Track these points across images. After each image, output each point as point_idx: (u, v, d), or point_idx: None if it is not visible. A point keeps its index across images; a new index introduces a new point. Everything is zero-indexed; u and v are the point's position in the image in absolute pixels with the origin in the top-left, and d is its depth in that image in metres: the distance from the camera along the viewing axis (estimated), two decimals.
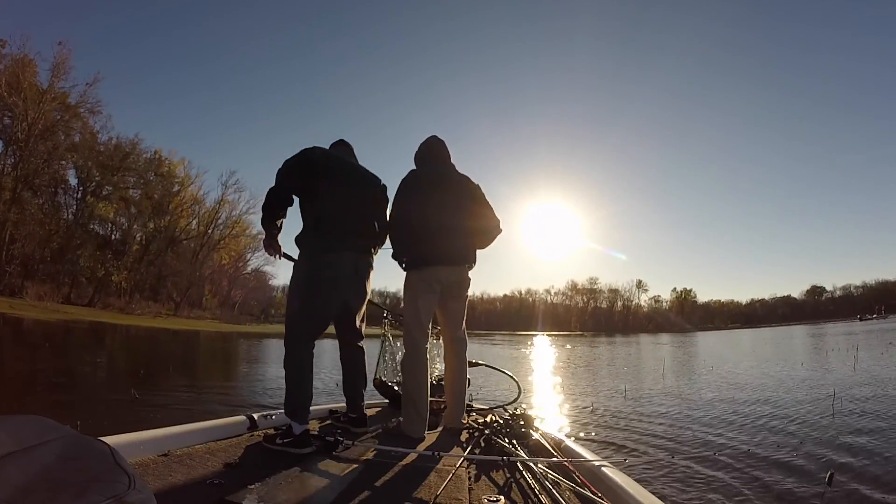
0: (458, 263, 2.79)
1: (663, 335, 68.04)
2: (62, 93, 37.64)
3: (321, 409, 3.04)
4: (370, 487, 1.71)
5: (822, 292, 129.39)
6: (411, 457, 2.09)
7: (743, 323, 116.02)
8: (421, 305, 2.75)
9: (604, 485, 1.71)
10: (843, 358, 14.00)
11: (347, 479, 1.77)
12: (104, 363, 12.51)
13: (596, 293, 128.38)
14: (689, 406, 7.23)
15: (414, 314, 2.74)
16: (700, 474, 3.91)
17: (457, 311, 2.85)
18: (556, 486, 1.70)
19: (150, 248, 47.75)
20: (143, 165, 46.65)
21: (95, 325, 27.73)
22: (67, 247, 39.10)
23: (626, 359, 19.44)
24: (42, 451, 0.84)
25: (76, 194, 42.46)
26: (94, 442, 0.94)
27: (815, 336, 33.13)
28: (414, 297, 2.77)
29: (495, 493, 1.66)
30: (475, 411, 3.28)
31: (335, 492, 1.64)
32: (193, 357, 17.01)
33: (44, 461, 0.83)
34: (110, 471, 0.87)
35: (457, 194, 2.85)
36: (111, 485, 0.83)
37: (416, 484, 1.76)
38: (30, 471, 0.79)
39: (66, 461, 0.85)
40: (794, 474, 3.91)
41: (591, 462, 1.95)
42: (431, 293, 2.75)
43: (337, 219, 2.46)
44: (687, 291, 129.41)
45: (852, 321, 69.65)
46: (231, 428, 2.31)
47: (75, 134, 40.25)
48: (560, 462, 1.99)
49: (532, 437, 2.44)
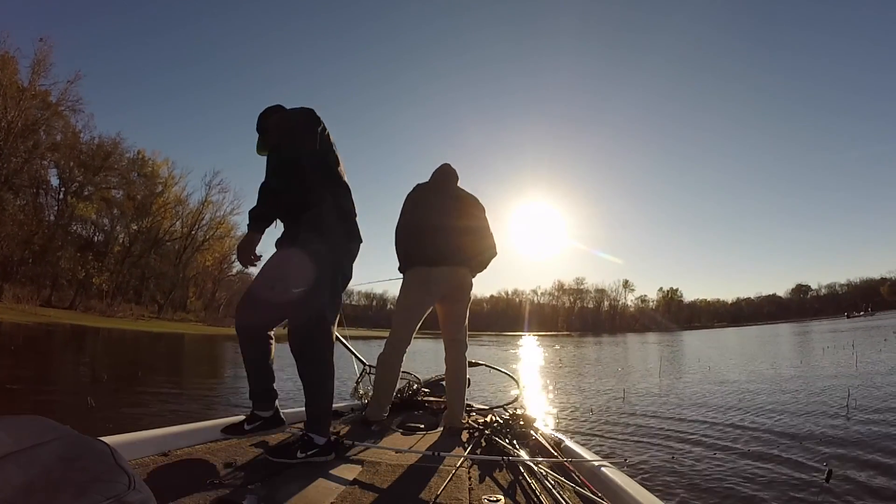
0: (453, 264, 2.81)
1: (650, 334, 68.86)
2: (43, 91, 36.91)
3: None
4: (370, 487, 1.71)
5: (808, 291, 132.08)
6: (412, 457, 2.10)
7: (729, 322, 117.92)
8: (410, 306, 2.79)
9: (604, 485, 1.72)
10: (841, 354, 14.10)
11: (347, 479, 1.77)
12: (70, 368, 11.86)
13: (582, 293, 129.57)
14: (688, 406, 7.30)
15: (402, 313, 2.79)
16: (700, 474, 3.94)
17: (455, 314, 2.87)
18: (556, 486, 1.70)
19: (132, 249, 46.94)
20: (126, 165, 45.86)
21: (72, 329, 26.94)
22: (48, 248, 38.27)
23: (616, 359, 19.61)
24: (42, 451, 0.84)
25: (58, 195, 41.68)
26: (93, 442, 0.93)
27: (803, 334, 33.42)
28: (405, 296, 2.81)
29: (495, 493, 1.67)
30: (475, 411, 3.29)
31: (335, 492, 1.63)
32: (170, 361, 16.51)
33: (44, 461, 0.82)
34: (110, 471, 0.87)
35: (455, 200, 2.93)
36: (111, 485, 0.83)
37: (417, 484, 1.76)
38: (30, 471, 0.79)
39: (66, 461, 0.85)
40: (794, 472, 3.94)
41: (591, 462, 1.96)
42: (425, 294, 2.78)
43: (348, 205, 2.23)
44: (673, 291, 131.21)
45: (839, 319, 70.58)
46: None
47: (57, 133, 39.54)
48: (560, 462, 2.00)
49: (532, 437, 2.45)
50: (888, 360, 11.93)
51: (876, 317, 64.55)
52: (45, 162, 39.70)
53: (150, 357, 17.48)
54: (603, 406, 7.48)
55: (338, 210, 2.13)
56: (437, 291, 2.79)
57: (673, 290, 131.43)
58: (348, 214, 2.20)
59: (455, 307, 2.86)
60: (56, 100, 38.01)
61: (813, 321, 78.59)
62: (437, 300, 2.85)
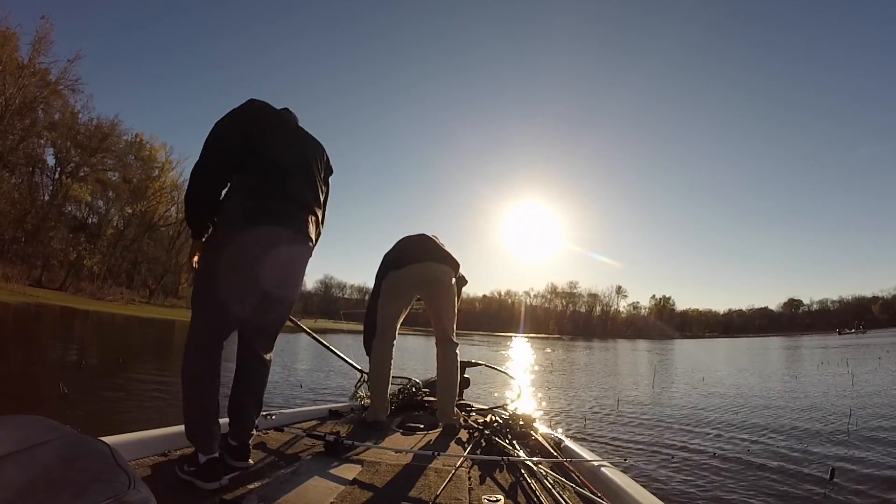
0: (430, 260, 2.93)
1: (641, 341, 69.17)
2: (43, 69, 36.53)
3: (321, 409, 3.05)
4: (370, 487, 1.71)
5: (800, 305, 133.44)
6: (412, 457, 2.10)
7: (720, 332, 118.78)
8: (387, 303, 2.95)
9: (604, 485, 1.73)
10: (835, 370, 14.22)
11: (347, 479, 1.77)
12: (51, 351, 11.23)
13: (575, 297, 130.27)
14: (686, 409, 7.38)
15: (381, 311, 2.95)
16: (700, 474, 3.98)
17: (439, 310, 2.93)
18: (556, 486, 1.71)
19: (125, 232, 46.59)
20: (124, 148, 45.51)
21: (59, 310, 26.60)
22: (41, 228, 37.96)
23: (608, 363, 19.68)
24: (42, 451, 0.84)
25: (53, 175, 41.34)
26: (93, 442, 0.94)
27: (794, 348, 33.60)
28: (384, 295, 2.97)
29: (495, 493, 1.67)
30: (475, 411, 3.29)
31: (335, 492, 1.63)
32: (158, 348, 16.17)
33: (44, 461, 0.82)
34: (110, 471, 0.87)
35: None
36: (111, 485, 0.83)
37: (416, 484, 1.76)
38: (30, 471, 0.79)
39: (66, 461, 0.85)
40: (794, 473, 3.99)
41: (591, 462, 1.96)
42: (403, 291, 2.95)
43: (276, 179, 1.84)
44: (666, 299, 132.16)
45: (830, 335, 70.97)
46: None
47: (55, 112, 39.16)
48: (560, 462, 2.00)
49: (532, 437, 2.46)
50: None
51: (868, 335, 64.96)
52: (42, 141, 39.35)
53: (138, 343, 17.28)
54: (602, 406, 7.53)
55: (240, 190, 1.81)
56: (414, 284, 2.93)
57: (665, 297, 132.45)
58: (254, 192, 1.80)
59: (436, 303, 2.94)
60: (55, 78, 37.67)
61: (804, 336, 79.20)
62: (419, 294, 2.98)
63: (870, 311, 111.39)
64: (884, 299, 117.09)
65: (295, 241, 1.86)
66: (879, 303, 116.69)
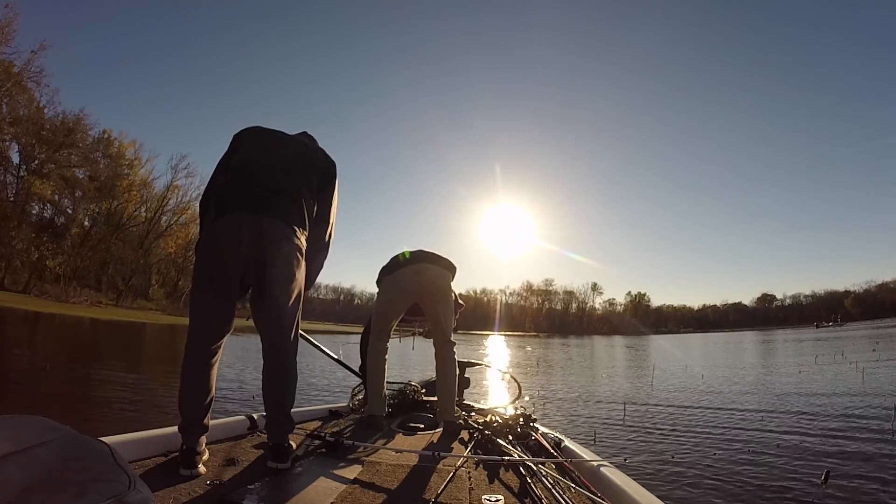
0: (425, 262, 2.98)
1: (617, 337, 70.38)
2: (7, 62, 34.98)
3: (321, 409, 3.05)
4: (370, 487, 1.71)
5: (773, 300, 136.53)
6: (412, 457, 2.10)
7: (695, 327, 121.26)
8: (382, 305, 3.04)
9: (604, 485, 1.74)
10: (830, 362, 14.56)
11: (348, 479, 1.77)
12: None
13: (551, 294, 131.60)
14: (686, 408, 7.46)
15: (376, 313, 3.05)
16: (699, 474, 4.03)
17: (436, 311, 2.98)
18: (556, 485, 1.72)
19: (92, 232, 45.03)
20: (91, 145, 44.03)
21: (14, 313, 25.21)
22: (3, 228, 36.39)
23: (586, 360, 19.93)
24: (42, 451, 0.83)
25: (18, 172, 39.60)
26: (93, 442, 0.93)
27: (771, 342, 34.22)
28: (380, 298, 3.06)
29: (495, 493, 1.67)
30: (475, 411, 3.30)
31: (335, 492, 1.63)
32: (126, 352, 15.39)
33: (44, 461, 0.82)
34: (110, 471, 0.87)
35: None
36: (111, 485, 0.83)
37: (417, 484, 1.77)
38: (30, 471, 0.79)
39: (66, 461, 0.85)
40: (792, 473, 4.06)
41: (591, 462, 1.98)
42: (398, 294, 3.01)
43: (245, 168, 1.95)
44: (641, 295, 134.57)
45: (806, 329, 72.30)
46: (231, 428, 2.26)
47: (20, 108, 37.49)
48: (560, 462, 2.01)
49: (532, 437, 2.48)
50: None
51: (845, 328, 66.54)
52: (7, 137, 37.70)
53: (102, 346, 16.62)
54: (599, 408, 7.57)
55: (212, 189, 1.95)
56: (411, 287, 2.97)
57: (641, 294, 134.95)
58: (218, 189, 1.93)
59: (431, 305, 2.99)
60: (19, 70, 36.10)
61: (778, 330, 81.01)
62: (415, 297, 3.01)
63: (842, 305, 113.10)
64: (855, 293, 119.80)
65: (259, 223, 1.80)
66: (851, 296, 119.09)
